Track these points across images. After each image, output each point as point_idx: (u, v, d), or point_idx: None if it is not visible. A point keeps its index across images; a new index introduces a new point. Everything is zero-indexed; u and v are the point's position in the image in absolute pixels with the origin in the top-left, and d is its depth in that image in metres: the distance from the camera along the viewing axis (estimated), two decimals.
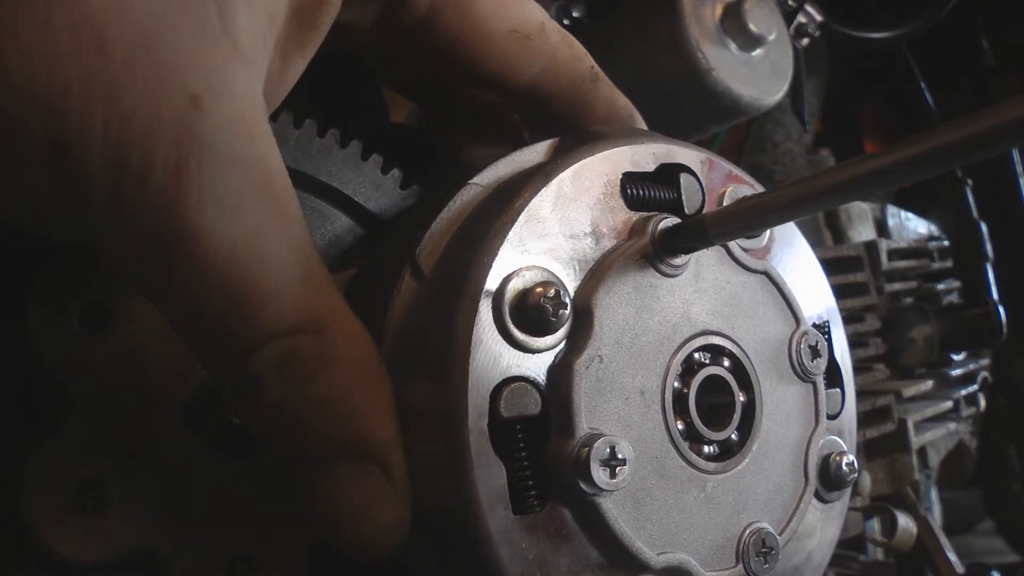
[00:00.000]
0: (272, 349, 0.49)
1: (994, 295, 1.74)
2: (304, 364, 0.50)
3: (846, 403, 0.73)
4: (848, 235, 1.60)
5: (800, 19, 1.40)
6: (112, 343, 0.61)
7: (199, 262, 0.47)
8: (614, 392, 0.58)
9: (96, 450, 0.60)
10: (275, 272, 0.49)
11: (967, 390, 1.69)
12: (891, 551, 1.39)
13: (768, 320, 0.67)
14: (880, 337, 1.51)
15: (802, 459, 0.68)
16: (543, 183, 0.59)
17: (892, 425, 1.40)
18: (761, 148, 1.63)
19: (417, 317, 0.60)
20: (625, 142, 0.63)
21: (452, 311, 0.55)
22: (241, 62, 0.50)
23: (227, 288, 0.48)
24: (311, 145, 0.69)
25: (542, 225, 0.58)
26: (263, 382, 0.50)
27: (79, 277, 0.61)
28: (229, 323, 0.48)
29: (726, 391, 0.65)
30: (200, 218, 0.46)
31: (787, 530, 0.66)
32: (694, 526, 0.61)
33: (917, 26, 1.57)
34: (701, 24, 1.08)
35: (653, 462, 0.59)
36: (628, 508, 0.57)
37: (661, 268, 0.61)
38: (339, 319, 0.53)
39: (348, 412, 0.52)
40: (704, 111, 1.13)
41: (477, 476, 0.52)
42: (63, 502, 0.59)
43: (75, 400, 0.60)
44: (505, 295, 0.55)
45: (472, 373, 0.53)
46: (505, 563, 0.53)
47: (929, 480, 1.57)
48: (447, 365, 0.54)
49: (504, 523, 0.53)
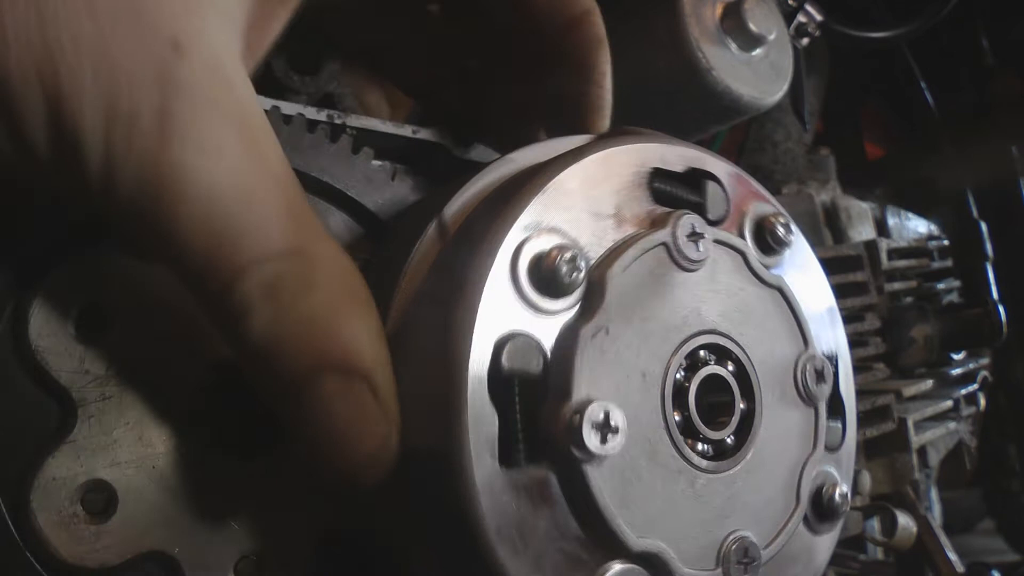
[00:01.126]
0: (258, 274, 0.52)
1: (994, 295, 1.74)
2: (289, 287, 0.53)
3: (846, 438, 0.72)
4: (848, 234, 1.60)
5: (800, 19, 1.40)
6: (111, 347, 0.61)
7: (184, 200, 0.50)
8: (616, 367, 0.58)
9: (100, 455, 0.60)
10: (257, 205, 0.52)
11: (967, 389, 1.69)
12: (891, 550, 1.39)
13: (777, 336, 0.67)
14: (880, 336, 1.51)
15: (795, 480, 0.67)
16: (573, 160, 0.61)
17: (892, 424, 1.40)
18: (761, 148, 1.63)
19: (434, 267, 0.61)
20: (659, 141, 0.65)
21: (469, 261, 0.56)
22: (216, 9, 0.53)
23: (212, 222, 0.51)
24: (302, 141, 0.69)
25: (567, 198, 0.59)
26: (251, 306, 0.52)
27: (77, 281, 0.61)
28: (216, 254, 0.51)
29: (727, 393, 0.64)
30: (183, 158, 0.50)
31: (772, 546, 0.65)
32: (678, 519, 0.60)
33: (917, 26, 1.57)
34: (701, 24, 1.08)
35: (646, 444, 0.59)
36: (614, 484, 0.57)
37: (678, 260, 0.62)
38: (322, 245, 0.55)
39: (333, 329, 0.54)
40: (704, 111, 1.13)
41: (469, 420, 0.53)
42: (69, 508, 0.59)
43: (77, 404, 0.60)
44: (523, 252, 0.56)
45: (479, 320, 0.54)
46: (484, 512, 0.53)
47: (929, 479, 1.57)
48: (456, 309, 0.55)
49: (489, 472, 0.53)
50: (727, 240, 0.66)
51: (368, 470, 0.55)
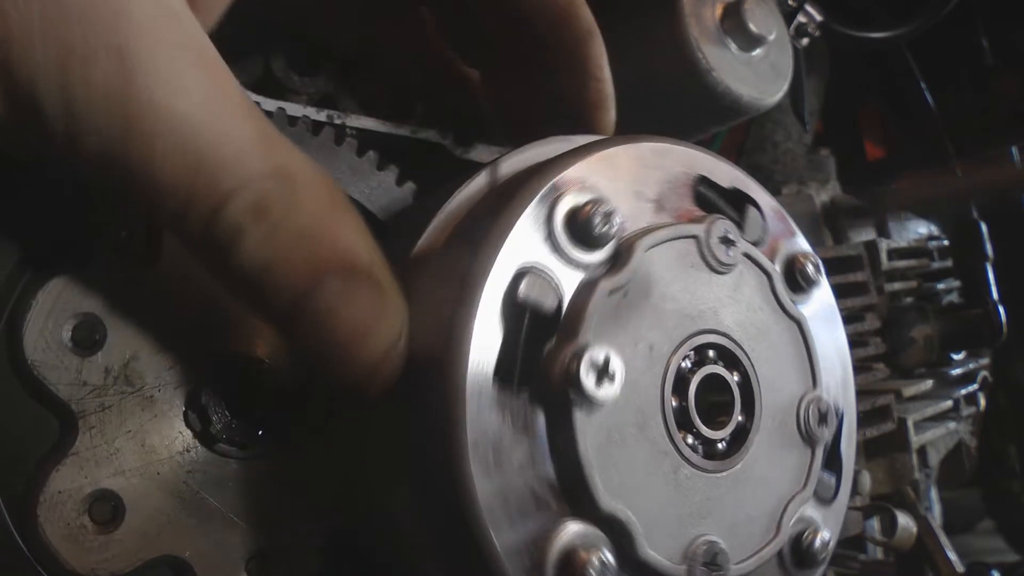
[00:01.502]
0: (242, 198, 0.52)
1: (994, 295, 1.74)
2: (276, 204, 0.53)
3: (839, 495, 0.71)
4: (848, 234, 1.60)
5: (800, 19, 1.40)
6: (107, 356, 0.61)
7: (158, 137, 0.49)
8: (626, 330, 0.59)
9: (104, 465, 0.60)
10: (232, 135, 0.52)
11: (967, 390, 1.69)
12: (891, 550, 1.39)
13: (787, 368, 0.67)
14: (880, 337, 1.51)
15: (779, 512, 0.66)
16: (630, 141, 0.62)
17: (892, 424, 1.40)
18: (761, 148, 1.63)
19: (477, 205, 0.63)
20: (713, 155, 0.67)
21: (508, 200, 0.57)
22: None
23: (187, 156, 0.50)
24: (306, 146, 0.69)
25: (615, 171, 0.61)
26: (240, 230, 0.52)
27: (70, 293, 0.61)
28: (196, 187, 0.51)
29: (727, 398, 0.64)
30: (151, 95, 0.49)
31: (742, 565, 0.63)
32: (653, 500, 0.59)
33: (917, 26, 1.57)
34: (701, 24, 1.08)
35: (638, 414, 0.59)
36: (599, 439, 0.56)
37: (707, 258, 0.63)
38: (298, 162, 0.55)
39: (327, 235, 0.54)
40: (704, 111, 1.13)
41: (474, 328, 0.53)
42: (77, 520, 0.59)
43: (78, 416, 0.60)
44: (561, 201, 0.57)
45: (506, 246, 0.55)
46: (468, 419, 0.53)
47: (929, 479, 1.57)
48: (486, 235, 0.56)
49: (480, 379, 0.53)
50: (757, 258, 0.66)
51: (382, 369, 0.55)
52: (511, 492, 0.54)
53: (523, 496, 0.55)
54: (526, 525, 0.55)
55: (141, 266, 0.63)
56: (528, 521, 0.55)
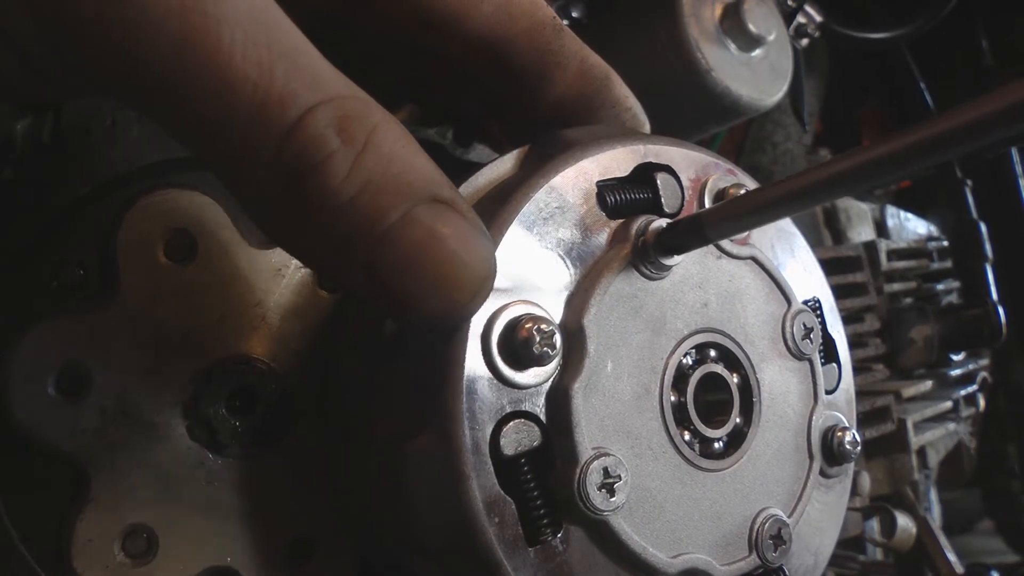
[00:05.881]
0: (327, 111, 0.48)
1: (994, 295, 1.74)
2: (364, 124, 0.49)
3: (843, 376, 0.74)
4: (847, 235, 1.60)
5: (800, 19, 1.40)
6: (97, 398, 0.60)
7: (232, 27, 0.46)
8: (614, 406, 0.58)
9: (125, 501, 0.60)
10: (309, 51, 0.49)
11: (966, 390, 1.69)
12: (891, 551, 1.39)
13: (759, 305, 0.67)
14: (880, 337, 1.51)
15: (804, 439, 0.68)
16: (517, 207, 0.58)
17: (891, 425, 1.40)
18: (761, 148, 1.63)
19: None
20: (596, 148, 0.62)
21: (439, 359, 0.54)
22: None
23: (264, 52, 0.46)
24: None
25: (519, 259, 0.57)
26: (328, 144, 0.48)
27: (44, 347, 0.60)
28: (274, 91, 0.47)
29: (723, 386, 0.65)
30: (218, 9, 0.45)
31: (795, 513, 0.66)
32: (704, 523, 0.61)
33: (917, 26, 1.57)
34: (701, 24, 1.08)
35: (657, 465, 0.59)
36: (638, 518, 0.58)
37: (646, 272, 0.60)
38: (362, 89, 0.51)
39: (413, 163, 0.51)
40: (704, 111, 1.13)
41: (487, 520, 0.53)
42: (115, 560, 0.59)
43: (87, 463, 0.60)
44: (492, 336, 0.54)
45: (466, 417, 0.53)
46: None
47: (928, 480, 1.57)
48: (443, 417, 0.53)
49: (522, 559, 0.54)
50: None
51: (480, 289, 0.52)
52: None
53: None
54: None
55: (104, 299, 0.62)
56: None
